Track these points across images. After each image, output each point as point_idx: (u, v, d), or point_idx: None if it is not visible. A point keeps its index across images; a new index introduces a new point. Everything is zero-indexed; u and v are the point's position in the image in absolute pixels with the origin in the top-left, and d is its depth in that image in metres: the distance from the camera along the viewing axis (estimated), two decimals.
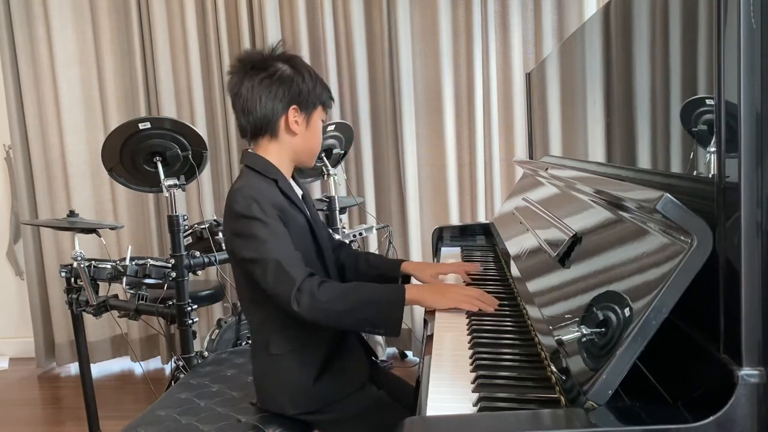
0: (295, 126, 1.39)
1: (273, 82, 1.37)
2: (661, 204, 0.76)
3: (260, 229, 1.27)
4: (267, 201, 1.30)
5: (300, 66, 1.41)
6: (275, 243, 1.27)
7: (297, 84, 1.39)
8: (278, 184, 1.36)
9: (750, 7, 0.70)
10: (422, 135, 3.11)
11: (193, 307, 2.24)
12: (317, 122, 1.44)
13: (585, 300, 0.91)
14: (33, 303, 3.40)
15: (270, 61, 1.39)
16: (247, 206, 1.28)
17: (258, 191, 1.31)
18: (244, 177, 1.38)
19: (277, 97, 1.37)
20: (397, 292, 1.29)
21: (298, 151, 1.43)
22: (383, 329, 1.28)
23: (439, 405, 0.93)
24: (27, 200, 3.31)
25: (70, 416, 2.84)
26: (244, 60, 1.41)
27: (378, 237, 3.10)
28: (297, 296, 1.22)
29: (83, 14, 3.22)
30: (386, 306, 1.26)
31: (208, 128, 3.20)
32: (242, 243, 1.30)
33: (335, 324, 1.30)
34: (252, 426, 1.34)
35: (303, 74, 1.40)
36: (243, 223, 1.29)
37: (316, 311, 1.23)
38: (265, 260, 1.26)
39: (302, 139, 1.42)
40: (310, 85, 1.40)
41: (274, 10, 3.06)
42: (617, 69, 1.20)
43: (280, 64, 1.39)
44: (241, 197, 1.30)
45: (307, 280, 1.24)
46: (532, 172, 1.84)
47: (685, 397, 0.77)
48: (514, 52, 2.97)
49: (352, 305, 1.25)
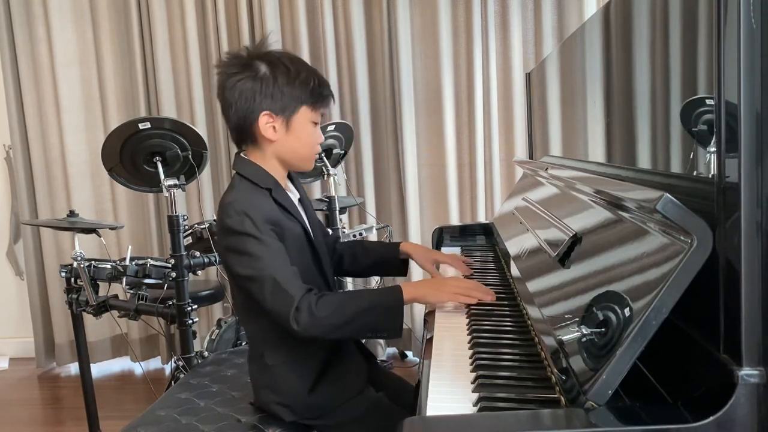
0: (271, 132, 1.30)
1: (244, 85, 1.28)
2: (661, 204, 0.76)
3: (254, 245, 1.23)
4: (260, 216, 1.25)
5: (279, 63, 1.30)
6: (271, 259, 1.23)
7: (267, 86, 1.28)
8: (272, 194, 1.31)
9: (750, 7, 0.70)
10: (422, 135, 3.11)
11: (193, 307, 2.24)
12: (302, 125, 1.33)
13: (585, 300, 0.91)
14: (33, 303, 3.40)
15: (250, 61, 1.30)
16: (240, 222, 1.23)
17: (251, 205, 1.26)
18: (236, 188, 1.31)
19: (248, 101, 1.28)
20: (395, 293, 1.27)
21: (283, 158, 1.35)
22: (385, 333, 1.26)
23: (439, 405, 0.93)
24: (27, 200, 3.31)
25: (70, 416, 2.84)
26: (226, 61, 1.33)
27: (378, 237, 3.10)
28: (296, 316, 1.19)
29: (83, 14, 3.22)
30: (386, 310, 1.25)
31: (208, 128, 3.20)
32: (236, 259, 1.26)
33: (337, 336, 1.28)
34: (252, 426, 1.34)
35: (277, 74, 1.29)
36: (236, 239, 1.25)
37: (316, 328, 1.20)
38: (262, 278, 1.22)
39: (283, 144, 1.33)
40: (284, 87, 1.29)
41: (274, 10, 3.06)
42: (617, 69, 1.20)
43: (258, 63, 1.30)
44: (233, 212, 1.25)
45: (305, 298, 1.20)
46: (532, 172, 1.84)
47: (685, 397, 0.77)
48: (514, 52, 2.97)
49: (352, 315, 1.23)
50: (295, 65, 1.32)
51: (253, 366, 1.39)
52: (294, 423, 1.34)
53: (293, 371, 1.33)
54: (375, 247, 1.62)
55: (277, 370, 1.34)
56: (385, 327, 1.25)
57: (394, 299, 1.26)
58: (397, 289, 1.28)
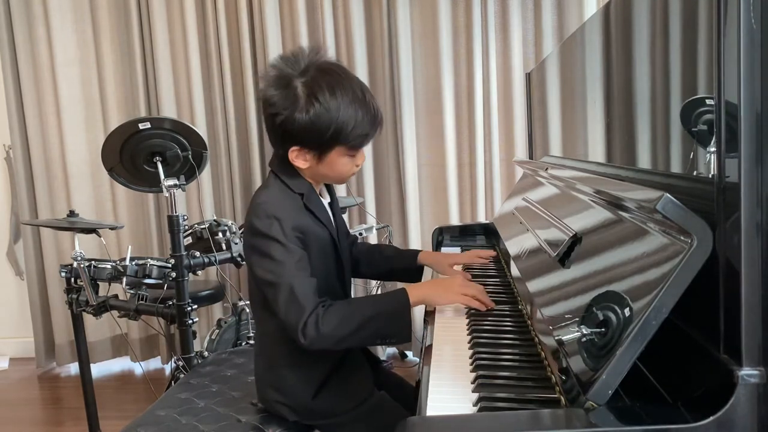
0: (301, 162, 1.26)
1: (277, 119, 1.22)
2: (661, 204, 0.76)
3: (278, 250, 1.21)
4: (289, 222, 1.23)
5: (317, 95, 1.19)
6: (291, 266, 1.21)
7: (300, 124, 1.20)
8: (303, 200, 1.29)
9: (750, 7, 0.70)
10: (422, 135, 3.11)
11: (193, 307, 2.25)
12: (336, 158, 1.26)
13: (585, 300, 0.91)
14: (33, 303, 3.40)
15: (291, 79, 1.21)
16: (268, 225, 1.22)
17: (282, 209, 1.24)
18: (270, 188, 1.30)
19: (280, 135, 1.24)
20: (401, 297, 1.25)
21: (315, 178, 1.33)
22: (394, 339, 1.24)
23: (439, 405, 0.94)
24: (27, 200, 3.31)
25: (70, 416, 2.84)
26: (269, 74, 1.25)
27: (378, 237, 3.10)
28: (303, 330, 1.18)
29: (83, 14, 3.22)
30: (392, 315, 1.23)
31: (208, 128, 3.20)
32: (258, 260, 1.25)
33: (345, 346, 1.26)
34: (252, 426, 1.34)
35: (313, 108, 1.19)
36: (261, 241, 1.24)
37: (323, 341, 1.19)
38: (279, 284, 1.20)
39: (314, 171, 1.29)
40: (323, 123, 1.20)
41: (274, 10, 3.06)
42: (617, 69, 1.20)
43: (298, 82, 1.21)
44: (263, 213, 1.23)
45: (315, 312, 1.18)
46: (532, 172, 1.84)
47: (685, 397, 0.77)
48: (514, 52, 2.96)
49: (359, 324, 1.21)
50: (337, 97, 1.21)
51: (259, 363, 1.39)
52: (295, 423, 1.34)
53: (299, 375, 1.32)
54: (393, 255, 1.59)
55: (283, 371, 1.33)
56: (393, 333, 1.23)
57: (400, 304, 1.24)
58: (402, 293, 1.26)
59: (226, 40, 3.12)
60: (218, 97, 3.18)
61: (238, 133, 3.19)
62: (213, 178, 3.24)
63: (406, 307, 1.24)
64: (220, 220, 2.50)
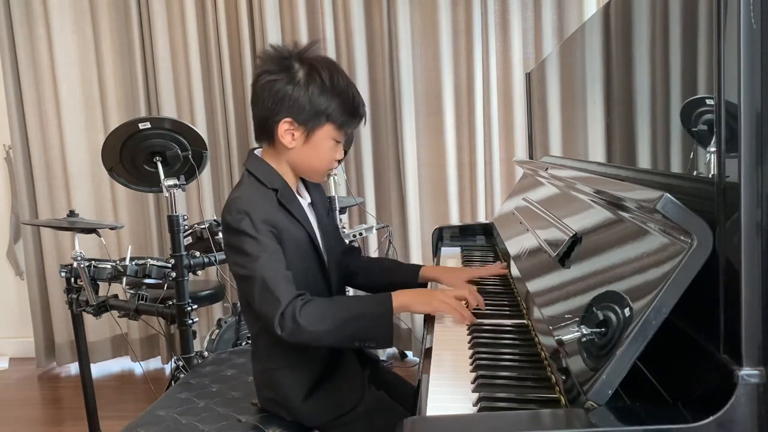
0: (289, 139, 1.28)
1: (276, 85, 1.26)
2: (661, 204, 0.76)
3: (249, 244, 1.22)
4: (259, 216, 1.23)
5: (317, 73, 1.26)
6: (264, 260, 1.21)
7: (298, 93, 1.25)
8: (278, 196, 1.30)
9: (750, 7, 0.70)
10: (422, 135, 3.11)
11: (193, 307, 2.25)
12: (323, 140, 1.30)
13: (585, 300, 0.91)
14: (33, 303, 3.40)
15: (290, 60, 1.27)
16: (238, 220, 1.23)
17: (252, 204, 1.25)
18: (243, 185, 1.31)
19: (274, 103, 1.26)
20: (384, 301, 1.24)
21: (295, 166, 1.34)
22: (374, 342, 1.23)
23: (439, 405, 0.94)
24: (27, 200, 3.31)
25: (70, 416, 2.84)
26: (267, 54, 1.30)
27: (378, 237, 3.10)
28: (280, 321, 1.17)
29: (83, 14, 3.22)
30: (374, 318, 1.22)
31: (208, 128, 3.20)
32: (232, 256, 1.26)
33: (325, 344, 1.25)
34: (252, 426, 1.34)
35: (312, 83, 1.26)
36: (233, 237, 1.25)
37: (300, 335, 1.18)
38: (253, 278, 1.21)
39: (298, 154, 1.31)
40: (314, 98, 1.26)
41: (274, 10, 3.06)
42: (617, 69, 1.20)
43: (297, 66, 1.27)
44: (234, 209, 1.25)
45: (292, 303, 1.18)
46: (532, 172, 1.84)
47: (685, 397, 0.77)
48: (514, 52, 2.96)
49: (338, 323, 1.20)
50: (334, 79, 1.28)
51: (255, 364, 1.40)
52: (294, 423, 1.34)
53: (289, 376, 1.33)
54: (393, 269, 1.57)
55: (275, 372, 1.34)
56: (374, 336, 1.21)
57: (383, 307, 1.23)
58: (386, 297, 1.25)
59: (226, 40, 3.12)
60: (218, 97, 3.18)
61: (238, 133, 3.19)
62: (213, 178, 3.24)
63: (389, 312, 1.22)
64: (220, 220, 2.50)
